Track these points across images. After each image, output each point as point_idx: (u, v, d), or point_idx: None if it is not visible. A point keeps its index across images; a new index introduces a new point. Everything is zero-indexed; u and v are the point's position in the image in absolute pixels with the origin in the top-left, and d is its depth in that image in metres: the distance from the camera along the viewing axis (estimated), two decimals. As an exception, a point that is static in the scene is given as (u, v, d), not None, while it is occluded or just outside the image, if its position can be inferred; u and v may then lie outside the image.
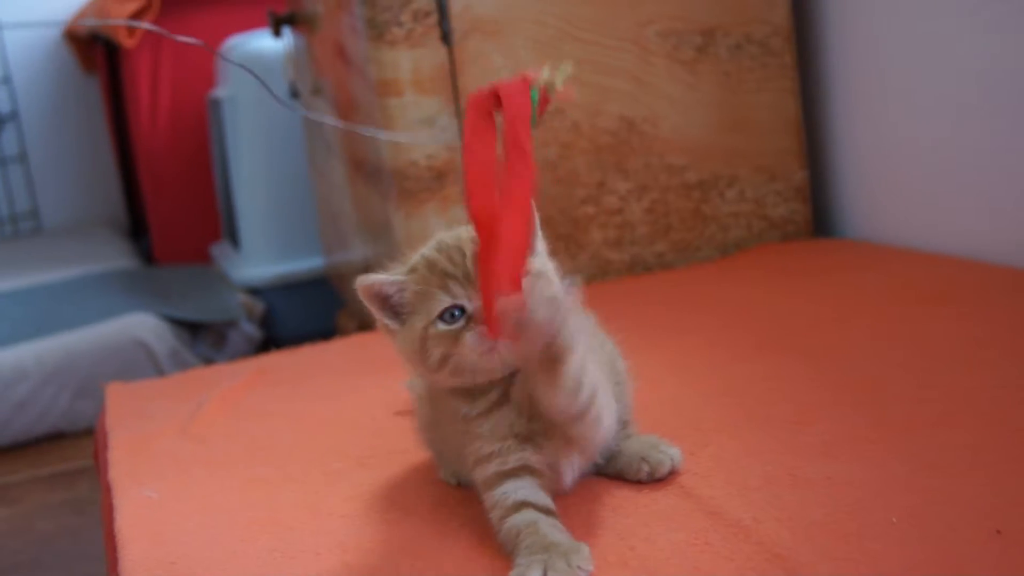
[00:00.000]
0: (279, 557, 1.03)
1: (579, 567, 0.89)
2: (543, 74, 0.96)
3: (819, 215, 2.06)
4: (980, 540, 0.88)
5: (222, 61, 3.03)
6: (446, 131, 1.83)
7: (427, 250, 1.01)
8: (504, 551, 0.95)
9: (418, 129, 1.82)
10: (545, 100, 0.96)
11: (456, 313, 0.96)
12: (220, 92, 3.04)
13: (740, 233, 1.98)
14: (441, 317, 0.96)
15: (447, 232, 1.02)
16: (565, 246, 1.88)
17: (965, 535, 0.89)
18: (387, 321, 1.00)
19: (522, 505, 0.96)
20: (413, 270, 1.00)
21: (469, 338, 0.95)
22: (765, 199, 1.98)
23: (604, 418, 0.98)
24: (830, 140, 2.03)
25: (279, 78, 2.50)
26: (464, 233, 0.99)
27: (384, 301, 0.99)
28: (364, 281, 0.98)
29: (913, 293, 1.59)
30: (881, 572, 0.85)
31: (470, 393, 0.99)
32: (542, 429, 0.98)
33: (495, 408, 0.99)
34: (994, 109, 1.68)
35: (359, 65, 1.90)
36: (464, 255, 0.97)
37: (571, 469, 1.02)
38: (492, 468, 0.98)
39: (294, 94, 2.56)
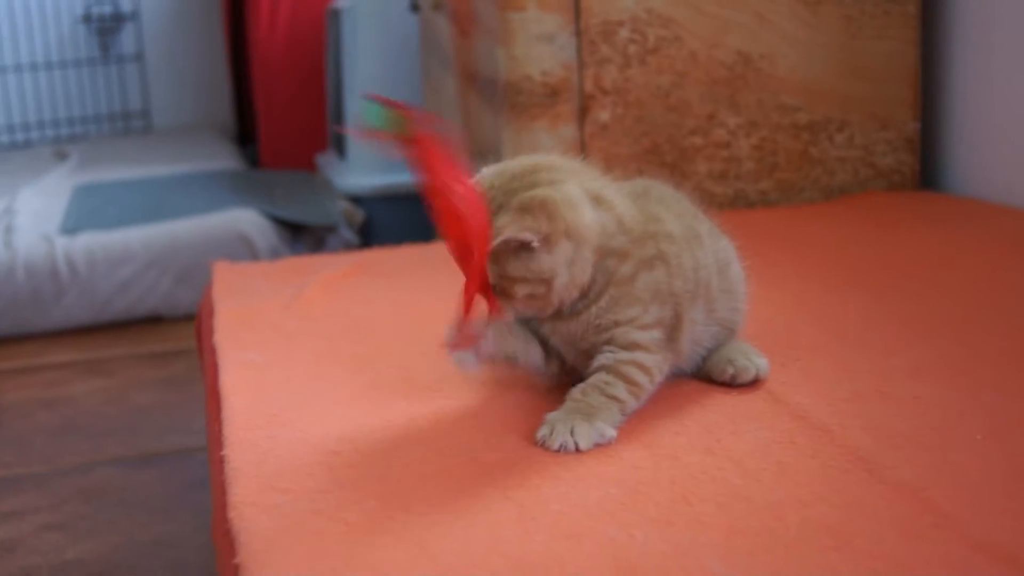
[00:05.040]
0: (375, 420, 1.07)
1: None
2: None
3: (927, 167, 2.05)
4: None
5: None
6: (564, 49, 1.85)
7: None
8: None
9: (537, 44, 1.84)
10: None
11: None
12: (340, 3, 3.08)
13: (846, 178, 1.97)
14: None
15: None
16: (670, 175, 1.89)
17: (1050, 455, 0.91)
18: None
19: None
20: None
21: None
22: (874, 147, 1.97)
23: None
24: (945, 93, 2.01)
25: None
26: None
27: None
28: None
29: (1010, 247, 1.59)
30: (962, 481, 0.87)
31: None
32: None
33: None
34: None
35: (484, -24, 1.93)
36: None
37: None
38: None
39: (414, 8, 2.59)
